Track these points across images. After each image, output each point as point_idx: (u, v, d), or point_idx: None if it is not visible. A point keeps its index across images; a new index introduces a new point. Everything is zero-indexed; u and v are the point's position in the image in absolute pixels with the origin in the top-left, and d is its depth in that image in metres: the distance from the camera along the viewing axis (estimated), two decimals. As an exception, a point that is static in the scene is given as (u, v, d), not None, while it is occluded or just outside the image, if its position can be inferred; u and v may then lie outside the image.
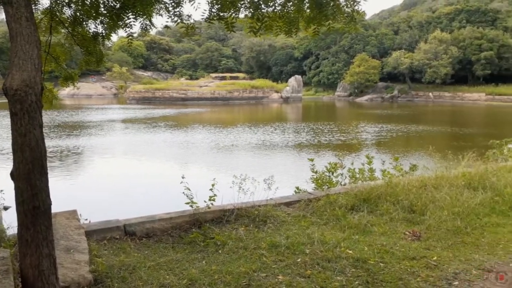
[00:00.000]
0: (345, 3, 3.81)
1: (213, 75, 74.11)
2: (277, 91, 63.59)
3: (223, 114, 45.08)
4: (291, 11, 4.04)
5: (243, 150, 20.31)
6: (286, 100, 61.61)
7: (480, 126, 32.26)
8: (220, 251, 4.45)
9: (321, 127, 29.38)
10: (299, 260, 4.16)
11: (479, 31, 60.56)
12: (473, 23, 64.45)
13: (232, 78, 69.21)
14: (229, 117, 41.60)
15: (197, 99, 58.55)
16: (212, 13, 3.91)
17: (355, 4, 3.80)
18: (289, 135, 25.93)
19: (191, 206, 5.28)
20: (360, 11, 3.91)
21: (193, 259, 4.26)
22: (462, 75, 61.95)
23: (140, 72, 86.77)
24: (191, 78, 78.00)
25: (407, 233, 5.00)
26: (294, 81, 64.31)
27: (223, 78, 69.21)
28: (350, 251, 4.30)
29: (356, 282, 3.68)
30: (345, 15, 3.86)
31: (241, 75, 75.51)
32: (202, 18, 4.02)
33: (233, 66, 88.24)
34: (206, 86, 62.92)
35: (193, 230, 5.05)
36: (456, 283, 3.76)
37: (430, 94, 63.51)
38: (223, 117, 41.14)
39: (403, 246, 4.53)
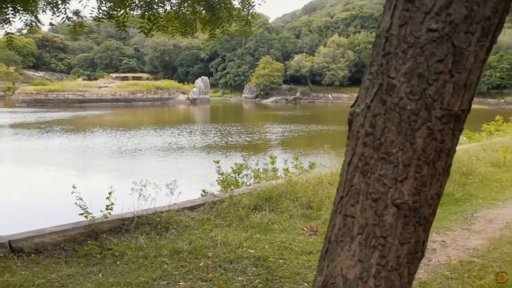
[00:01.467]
0: (240, 6, 3.86)
1: (114, 75, 70.42)
2: (183, 93, 62.68)
3: (125, 116, 43.16)
4: (188, 12, 4.00)
5: (147, 154, 19.64)
6: (193, 101, 61.03)
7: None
8: (118, 262, 4.24)
9: (228, 129, 29.65)
10: (201, 264, 4.12)
11: (372, 36, 65.78)
12: (367, 28, 69.90)
13: (134, 78, 66.58)
14: (132, 120, 39.94)
15: (96, 100, 55.26)
16: (101, 12, 3.70)
17: (250, 7, 3.87)
18: (196, 137, 25.73)
19: (86, 217, 4.96)
20: (255, 15, 4.00)
21: (89, 272, 4.00)
22: (359, 77, 66.56)
23: (31, 72, 79.27)
24: (89, 79, 73.37)
25: (305, 228, 5.24)
26: (201, 82, 63.99)
27: (125, 78, 66.25)
28: (252, 251, 4.37)
29: (257, 281, 3.75)
30: (241, 18, 3.91)
31: (144, 75, 72.97)
32: (90, 17, 3.79)
33: (135, 66, 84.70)
34: (106, 87, 59.62)
35: (89, 242, 4.73)
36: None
37: (330, 95, 67.55)
38: (126, 120, 39.35)
39: (301, 242, 4.73)
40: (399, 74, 1.24)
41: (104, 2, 3.74)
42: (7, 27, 4.12)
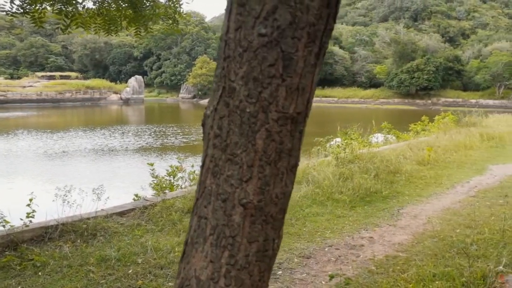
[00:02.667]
0: (167, 4, 3.75)
1: (40, 74, 65.99)
2: (116, 92, 60.19)
3: (53, 117, 40.63)
4: (112, 9, 3.81)
5: (76, 158, 18.59)
6: (126, 101, 58.87)
7: (309, 125, 35.51)
8: (40, 273, 3.97)
9: (164, 130, 28.98)
10: (130, 271, 3.96)
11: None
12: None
13: (62, 77, 62.83)
14: (60, 121, 37.62)
15: (20, 101, 51.43)
16: (15, 6, 3.41)
17: (177, 6, 3.78)
18: (129, 138, 24.80)
19: (3, 226, 4.58)
20: (184, 14, 3.91)
21: (6, 286, 3.71)
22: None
23: None
24: (11, 78, 68.15)
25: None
26: (135, 81, 61.92)
27: (52, 77, 62.33)
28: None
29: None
30: (168, 16, 3.80)
31: (73, 74, 69.18)
32: (2, 11, 3.48)
33: (63, 64, 79.68)
34: (31, 86, 55.66)
35: (7, 253, 4.38)
36: (280, 272, 4.06)
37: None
38: (53, 121, 37.00)
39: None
40: (238, 78, 1.28)
41: (15, -5, 3.46)
42: None
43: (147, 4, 3.27)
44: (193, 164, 8.80)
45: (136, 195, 7.42)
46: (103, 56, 78.37)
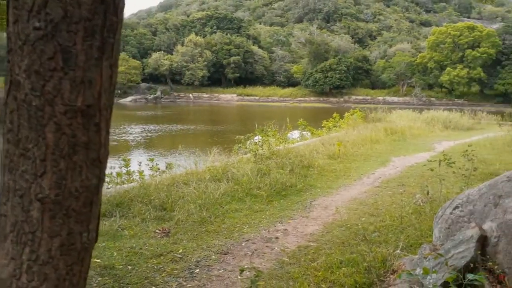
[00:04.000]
0: None
1: None
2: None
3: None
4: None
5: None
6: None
7: (233, 123, 36.33)
8: None
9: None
10: (39, 281, 3.78)
11: (227, 37, 67.85)
12: (222, 29, 71.73)
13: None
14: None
15: None
16: None
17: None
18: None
19: None
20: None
21: None
22: (217, 77, 68.22)
23: None
24: None
25: (157, 231, 5.20)
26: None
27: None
28: (98, 260, 4.17)
29: (103, 291, 3.61)
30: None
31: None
32: None
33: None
34: None
35: None
36: (198, 270, 4.14)
37: (191, 95, 67.63)
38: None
39: (152, 245, 4.69)
40: (21, 71, 1.28)
41: None
42: None
43: None
44: (111, 166, 8.55)
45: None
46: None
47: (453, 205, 3.93)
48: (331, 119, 16.99)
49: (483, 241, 3.35)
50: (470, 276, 2.68)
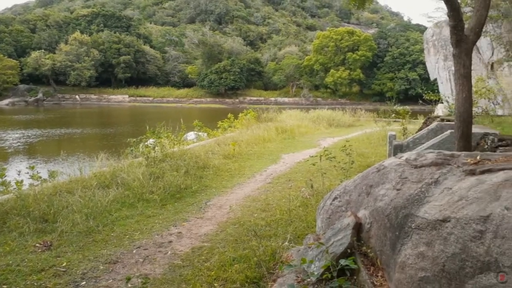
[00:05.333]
0: None
1: None
2: None
3: None
4: None
5: None
6: None
7: (124, 125, 34.69)
8: None
9: None
10: None
11: (116, 35, 64.61)
12: (110, 28, 68.11)
13: None
14: None
15: None
16: None
17: None
18: None
19: None
20: None
21: None
22: (106, 77, 64.66)
23: None
24: None
25: (37, 245, 4.77)
26: None
27: None
28: (-36, 285, 3.69)
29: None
30: None
31: None
32: None
33: None
34: None
35: None
36: (84, 283, 3.89)
37: (77, 96, 63.10)
38: None
39: (31, 260, 4.29)
40: None
41: None
42: None
43: None
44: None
45: None
46: None
47: (333, 196, 4.26)
48: (226, 119, 17.21)
49: (358, 228, 3.67)
50: (342, 261, 2.91)
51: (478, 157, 3.03)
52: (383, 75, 59.20)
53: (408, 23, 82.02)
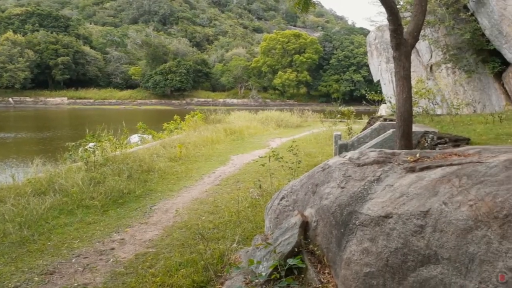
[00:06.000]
0: None
1: None
2: None
3: None
4: None
5: None
6: None
7: (62, 129, 33.00)
8: None
9: None
10: None
11: (53, 36, 61.38)
12: (46, 28, 64.64)
13: None
14: None
15: None
16: None
17: None
18: None
19: None
20: None
21: None
22: (43, 79, 61.28)
23: None
24: None
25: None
26: None
27: None
28: None
29: None
30: None
31: None
32: None
33: None
34: None
35: None
36: (16, 298, 3.59)
37: (11, 99, 59.25)
38: None
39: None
40: None
41: None
42: None
43: None
44: None
45: None
46: None
47: (280, 196, 4.25)
48: (172, 121, 16.85)
49: (305, 226, 3.68)
50: (290, 261, 2.89)
51: (417, 155, 3.13)
52: (329, 77, 60.99)
53: (352, 27, 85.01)
